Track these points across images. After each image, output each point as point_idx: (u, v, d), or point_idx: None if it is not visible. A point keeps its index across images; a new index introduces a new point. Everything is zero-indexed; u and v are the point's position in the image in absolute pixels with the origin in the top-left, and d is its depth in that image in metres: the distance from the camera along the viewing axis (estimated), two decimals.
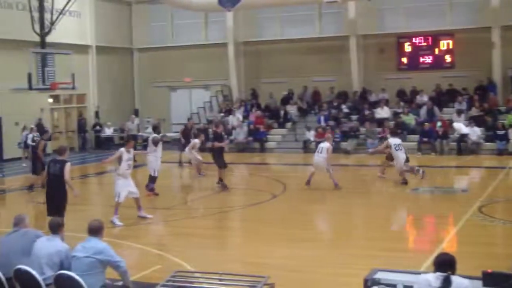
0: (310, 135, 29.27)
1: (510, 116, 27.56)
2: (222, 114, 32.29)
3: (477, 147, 27.00)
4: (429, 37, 31.06)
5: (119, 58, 35.29)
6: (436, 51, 30.88)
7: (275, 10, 33.58)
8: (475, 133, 26.97)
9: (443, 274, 5.97)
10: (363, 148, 28.11)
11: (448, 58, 30.69)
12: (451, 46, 30.60)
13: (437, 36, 30.85)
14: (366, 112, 30.20)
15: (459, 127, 27.08)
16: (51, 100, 31.31)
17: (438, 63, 30.84)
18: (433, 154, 27.03)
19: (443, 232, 13.82)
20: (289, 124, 31.61)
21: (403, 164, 19.27)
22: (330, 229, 14.88)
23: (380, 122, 29.12)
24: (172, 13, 35.56)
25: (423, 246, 12.51)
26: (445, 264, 6.10)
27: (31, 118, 28.11)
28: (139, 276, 9.94)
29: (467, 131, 26.88)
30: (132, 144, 15.90)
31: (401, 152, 19.25)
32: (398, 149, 19.22)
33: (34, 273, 7.64)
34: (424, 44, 31.23)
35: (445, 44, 30.72)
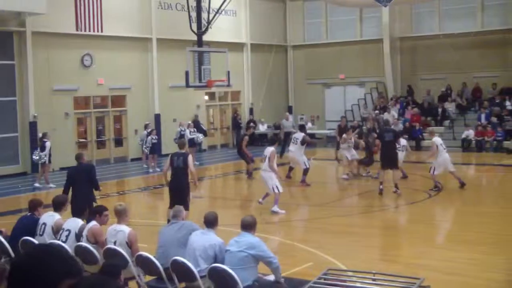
0: (470, 133, 27.96)
1: None
2: (376, 111, 31.68)
3: None
4: None
5: (274, 56, 35.68)
6: None
7: (433, 4, 32.45)
8: None
9: None
10: None
11: None
12: None
13: None
14: None
15: None
16: (206, 97, 32.30)
17: None
18: None
19: None
20: (447, 122, 30.40)
21: None
22: (491, 232, 13.96)
23: None
24: (327, 10, 35.43)
25: None
26: None
27: (188, 115, 29.17)
28: (291, 272, 9.87)
29: None
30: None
31: None
32: None
33: (190, 265, 7.78)
34: None
35: None
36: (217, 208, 13.35)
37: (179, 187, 13.06)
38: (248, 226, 8.02)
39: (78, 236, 9.04)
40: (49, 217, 9.65)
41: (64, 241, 8.96)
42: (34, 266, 2.66)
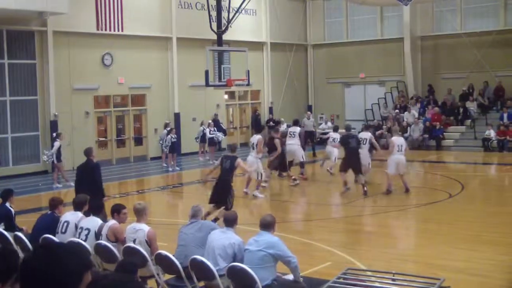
0: (491, 133, 27.69)
1: None
2: (396, 111, 31.51)
3: None
4: None
5: (293, 55, 35.61)
6: None
7: (454, 2, 32.18)
8: None
9: None
10: None
11: None
12: None
13: None
14: None
15: None
16: (226, 96, 32.32)
17: None
18: None
19: None
20: (468, 121, 30.13)
21: None
22: None
23: None
24: (347, 9, 35.29)
25: None
26: None
27: (208, 114, 29.22)
28: (310, 272, 9.83)
29: None
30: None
31: None
32: None
33: (209, 263, 7.78)
34: None
35: None
36: (237, 207, 13.34)
37: (224, 187, 13.74)
38: (267, 225, 8.00)
39: (98, 235, 9.08)
40: (72, 215, 9.70)
41: (84, 240, 8.99)
42: (49, 262, 2.65)
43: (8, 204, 11.23)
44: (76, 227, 9.41)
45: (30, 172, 23.71)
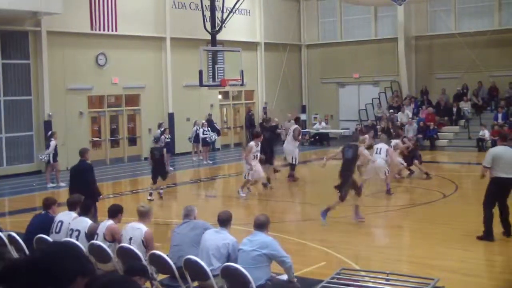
0: (486, 133, 27.75)
1: None
2: (391, 111, 31.55)
3: None
4: None
5: (288, 55, 35.63)
6: None
7: (449, 2, 32.26)
8: None
9: None
10: None
11: None
12: None
13: None
14: None
15: None
16: (220, 96, 32.31)
17: None
18: None
19: None
20: (462, 122, 30.19)
21: None
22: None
23: None
24: (341, 9, 35.32)
25: None
26: None
27: (201, 114, 29.20)
28: (304, 272, 9.83)
29: None
30: (261, 138, 17.92)
31: None
32: None
33: (203, 263, 7.78)
34: None
35: None
36: (231, 207, 13.33)
37: (345, 176, 13.68)
38: (261, 225, 8.00)
39: (88, 236, 9.07)
40: (66, 215, 9.69)
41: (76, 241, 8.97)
42: (48, 263, 2.65)
43: None
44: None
45: (24, 172, 23.65)
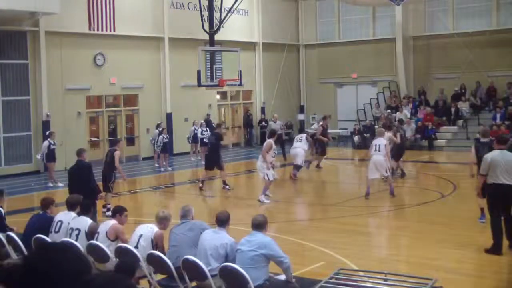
0: None
1: None
2: (389, 111, 31.54)
3: None
4: None
5: (286, 55, 35.62)
6: None
7: (447, 2, 32.28)
8: None
9: None
10: None
11: None
12: None
13: None
14: None
15: None
16: (218, 96, 32.31)
17: None
18: None
19: None
20: (460, 122, 30.21)
21: None
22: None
23: None
24: (339, 9, 35.33)
25: None
26: None
27: (200, 114, 29.21)
28: (302, 272, 9.84)
29: None
30: (275, 136, 18.36)
31: None
32: None
33: (201, 264, 7.78)
34: None
35: None
36: (229, 207, 13.34)
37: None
38: (259, 225, 8.00)
39: (89, 235, 9.08)
40: (66, 215, 9.70)
41: (75, 240, 8.98)
42: (48, 265, 2.65)
43: None
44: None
45: (22, 172, 23.64)
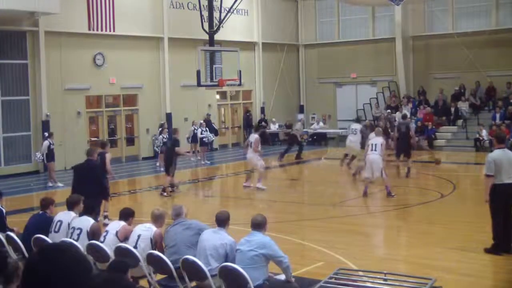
0: (484, 133, 27.77)
1: None
2: (388, 111, 31.55)
3: None
4: None
5: (285, 55, 35.62)
6: None
7: (446, 2, 32.28)
8: None
9: None
10: None
11: None
12: None
13: None
14: None
15: None
16: (218, 96, 32.31)
17: None
18: None
19: None
20: (460, 121, 30.22)
21: None
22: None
23: None
24: (339, 9, 35.33)
25: None
26: None
27: (199, 114, 29.20)
28: (302, 272, 9.84)
29: None
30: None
31: None
32: None
33: (200, 263, 7.77)
34: None
35: None
36: (229, 207, 13.34)
37: None
38: (259, 225, 7.99)
39: (90, 235, 9.08)
40: (65, 214, 9.71)
41: (76, 240, 8.98)
42: (47, 265, 2.65)
43: None
44: (68, 226, 9.42)
45: (21, 172, 23.65)
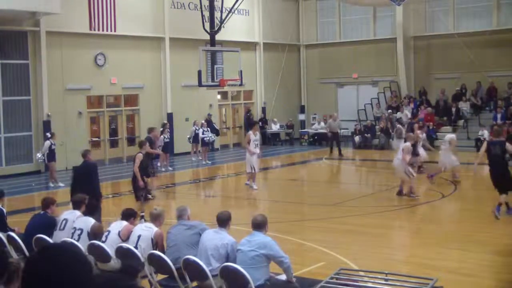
0: (485, 133, 27.74)
1: None
2: (389, 111, 31.56)
3: None
4: None
5: (286, 55, 35.62)
6: None
7: (447, 2, 32.28)
8: None
9: None
10: None
11: None
12: None
13: None
14: None
15: None
16: (219, 96, 32.32)
17: None
18: None
19: None
20: (461, 122, 30.21)
21: None
22: (504, 232, 13.78)
23: None
24: (340, 9, 35.33)
25: None
26: None
27: (200, 114, 29.21)
28: (303, 272, 9.84)
29: None
30: (257, 128, 19.98)
31: None
32: None
33: (202, 264, 7.78)
34: None
35: None
36: (230, 207, 13.34)
37: (499, 173, 13.89)
38: (259, 225, 7.99)
39: (91, 235, 9.09)
40: (70, 213, 9.75)
41: (77, 240, 8.98)
42: (48, 265, 2.65)
43: None
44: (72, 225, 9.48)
45: (23, 172, 23.67)
